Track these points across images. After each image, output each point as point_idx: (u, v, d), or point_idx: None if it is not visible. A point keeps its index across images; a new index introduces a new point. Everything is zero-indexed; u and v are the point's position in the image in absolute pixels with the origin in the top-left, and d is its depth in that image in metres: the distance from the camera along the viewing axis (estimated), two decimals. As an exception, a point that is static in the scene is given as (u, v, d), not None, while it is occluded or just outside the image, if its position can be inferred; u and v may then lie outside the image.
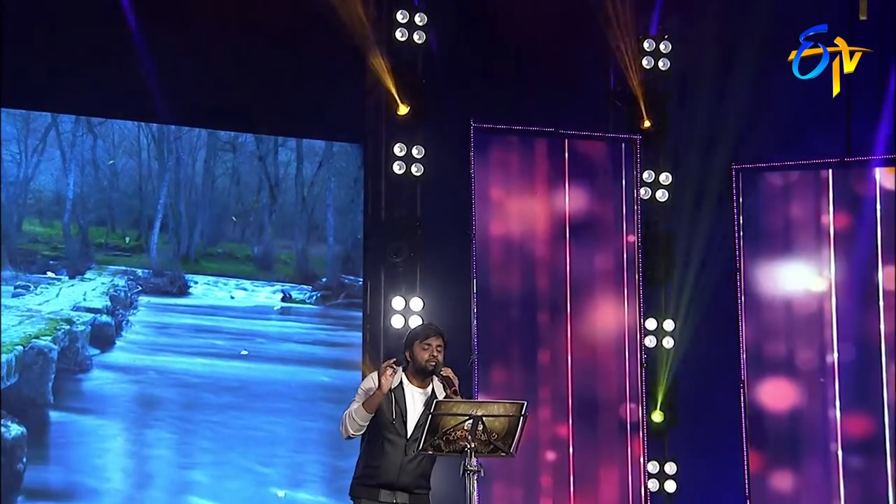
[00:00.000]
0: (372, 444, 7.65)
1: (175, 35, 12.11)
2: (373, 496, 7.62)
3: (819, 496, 12.67)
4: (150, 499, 12.27)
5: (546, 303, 13.02)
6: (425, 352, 7.59)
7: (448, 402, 7.19)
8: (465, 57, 13.00)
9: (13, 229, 12.30)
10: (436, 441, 7.09)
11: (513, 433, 7.18)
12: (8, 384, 11.90)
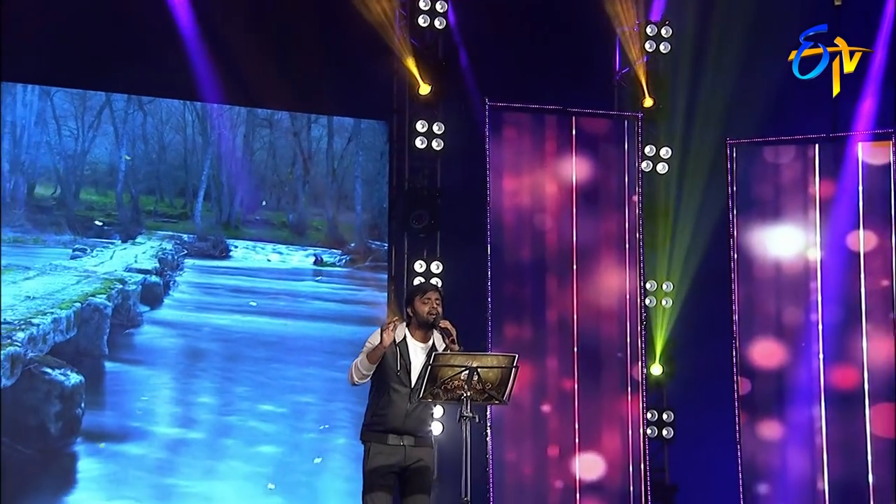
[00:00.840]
0: (379, 393, 7.81)
1: (218, 21, 12.34)
2: (382, 440, 7.78)
3: (802, 443, 12.69)
4: (194, 441, 12.46)
5: (554, 266, 13.04)
6: (425, 305, 7.78)
7: (445, 355, 7.42)
8: (482, 41, 13.09)
9: (71, 198, 12.52)
10: (435, 390, 7.33)
11: (505, 383, 7.42)
12: (67, 337, 12.10)
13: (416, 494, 7.94)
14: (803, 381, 12.86)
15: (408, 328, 7.89)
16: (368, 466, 7.82)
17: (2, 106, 12.22)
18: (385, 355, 7.77)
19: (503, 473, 12.72)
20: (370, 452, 7.83)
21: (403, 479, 7.90)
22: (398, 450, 7.80)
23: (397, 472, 7.86)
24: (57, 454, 12.09)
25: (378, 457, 7.81)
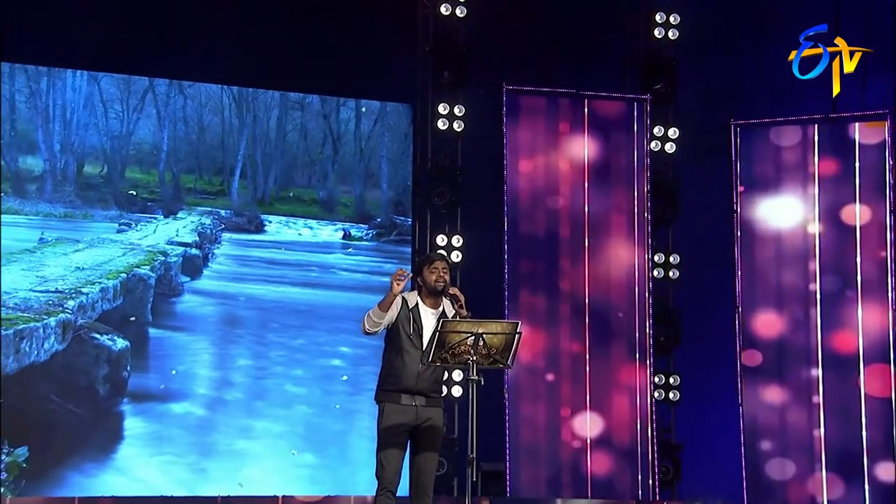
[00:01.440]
0: (393, 356, 7.92)
1: (253, 12, 12.49)
2: (395, 400, 7.87)
3: (801, 404, 12.75)
4: (231, 401, 12.63)
5: (567, 239, 13.06)
6: (432, 274, 7.88)
7: (453, 322, 7.51)
8: (500, 29, 13.07)
9: (117, 176, 12.66)
10: (443, 354, 7.42)
11: (509, 348, 7.49)
12: (114, 305, 12.30)
13: (426, 452, 7.98)
14: (802, 346, 12.86)
15: (419, 295, 7.97)
16: (382, 425, 7.88)
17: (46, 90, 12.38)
18: (398, 319, 7.87)
19: (518, 433, 12.73)
20: (384, 412, 7.89)
21: (415, 437, 7.95)
22: (410, 409, 7.86)
23: (409, 430, 7.90)
24: (105, 413, 12.23)
25: (391, 416, 7.87)
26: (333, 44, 12.83)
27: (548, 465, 12.91)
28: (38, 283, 12.17)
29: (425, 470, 8.03)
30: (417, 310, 7.95)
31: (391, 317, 7.89)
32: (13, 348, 11.91)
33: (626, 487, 12.95)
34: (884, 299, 12.60)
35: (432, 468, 8.08)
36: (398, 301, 7.91)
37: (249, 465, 12.55)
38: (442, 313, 7.93)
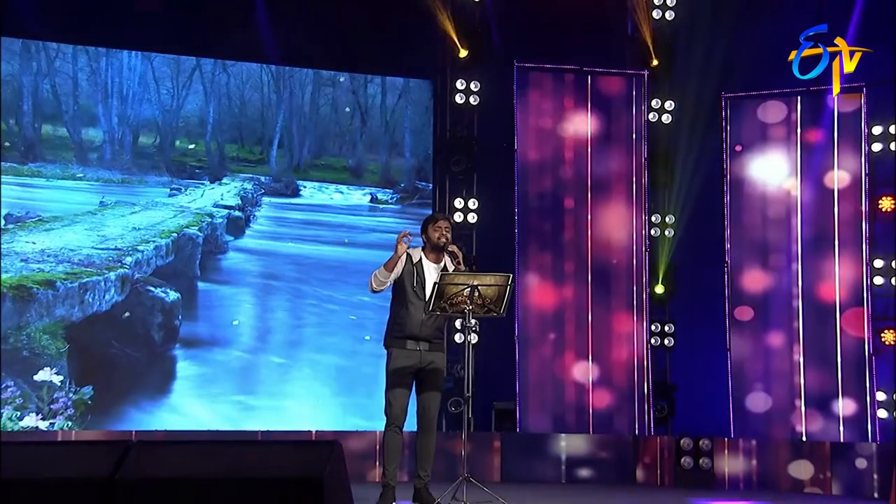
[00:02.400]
0: (399, 306, 8.24)
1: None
2: (401, 345, 8.21)
3: (784, 345, 12.90)
4: (271, 347, 12.85)
5: (572, 202, 13.21)
6: (436, 232, 8.23)
7: (451, 275, 7.90)
8: (511, 10, 13.11)
9: (168, 146, 12.79)
10: (442, 304, 7.80)
11: (502, 298, 7.88)
12: (167, 261, 12.54)
13: (430, 391, 8.30)
14: (785, 296, 12.98)
15: (423, 251, 8.26)
16: (390, 368, 8.20)
17: (105, 69, 12.55)
18: (403, 273, 8.15)
19: (527, 375, 12.92)
20: (391, 356, 8.22)
21: (419, 378, 8.25)
22: (415, 354, 8.18)
23: (414, 372, 8.21)
24: (160, 357, 12.47)
25: (398, 360, 8.18)
26: (361, 26, 12.88)
27: (554, 404, 13.06)
28: (100, 241, 12.34)
29: (429, 407, 8.32)
30: (421, 264, 8.21)
31: (396, 273, 8.14)
32: (78, 299, 12.12)
33: (624, 424, 13.11)
34: (857, 253, 12.71)
35: (436, 405, 8.35)
36: (403, 258, 8.16)
37: (287, 403, 12.73)
38: (443, 268, 8.17)
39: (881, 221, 12.90)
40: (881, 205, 12.87)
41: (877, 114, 12.87)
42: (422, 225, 8.44)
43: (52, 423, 11.89)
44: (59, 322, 12.12)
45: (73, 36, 12.42)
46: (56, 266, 12.18)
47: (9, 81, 12.29)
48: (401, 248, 8.14)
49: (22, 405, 11.89)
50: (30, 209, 12.29)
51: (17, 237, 12.18)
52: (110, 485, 4.12)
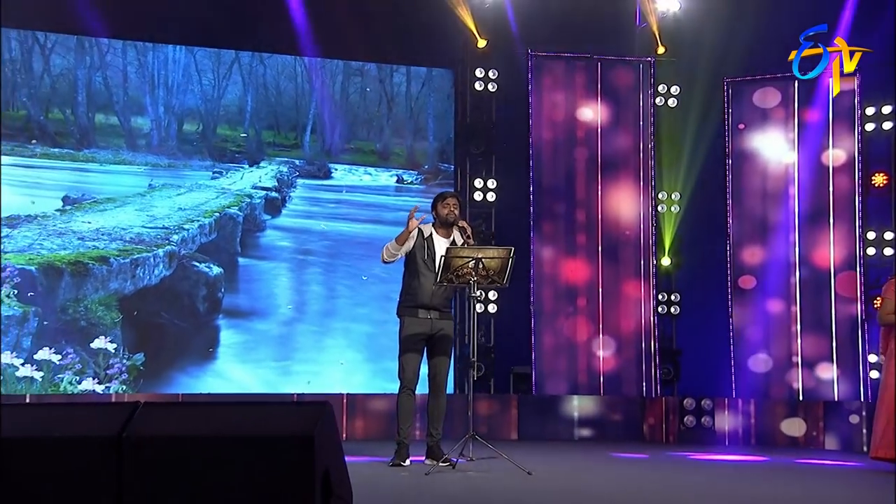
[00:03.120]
0: (411, 278, 8.37)
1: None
2: (413, 314, 8.35)
3: (782, 310, 12.95)
4: (306, 317, 12.89)
5: (583, 181, 13.25)
6: (445, 208, 8.35)
7: (457, 248, 8.04)
8: (526, 3, 13.00)
9: (210, 132, 12.85)
10: (449, 276, 7.93)
11: (505, 270, 7.98)
12: (210, 239, 12.62)
13: (440, 356, 8.43)
14: (783, 263, 13.01)
15: (433, 227, 8.39)
16: (403, 335, 8.38)
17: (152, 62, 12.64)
18: (415, 247, 8.28)
19: (542, 341, 13.05)
20: (404, 324, 8.39)
21: (430, 344, 8.40)
22: (426, 322, 8.33)
23: (425, 339, 8.37)
24: (205, 327, 12.59)
25: (410, 327, 8.34)
26: (387, 20, 12.79)
27: (567, 368, 13.18)
28: (149, 221, 12.50)
29: (440, 371, 8.47)
30: (431, 239, 8.34)
31: (407, 247, 8.27)
32: (130, 274, 12.29)
33: (632, 386, 13.21)
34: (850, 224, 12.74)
35: (445, 369, 8.49)
36: (414, 233, 8.27)
37: (321, 368, 12.82)
38: (452, 242, 8.29)
39: (874, 196, 12.93)
40: (874, 180, 12.91)
41: (870, 95, 12.87)
42: (432, 202, 8.54)
43: (107, 387, 12.12)
44: (113, 295, 12.31)
45: (123, 32, 12.55)
46: (109, 244, 12.36)
47: (64, 75, 12.51)
48: (412, 223, 8.25)
49: (80, 370, 12.08)
50: (85, 192, 12.47)
51: (74, 217, 12.34)
52: (118, 442, 4.23)
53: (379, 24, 12.93)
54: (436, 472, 7.96)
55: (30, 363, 11.90)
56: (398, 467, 8.25)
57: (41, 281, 12.00)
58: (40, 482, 4.23)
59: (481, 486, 7.47)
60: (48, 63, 12.41)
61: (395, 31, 13.07)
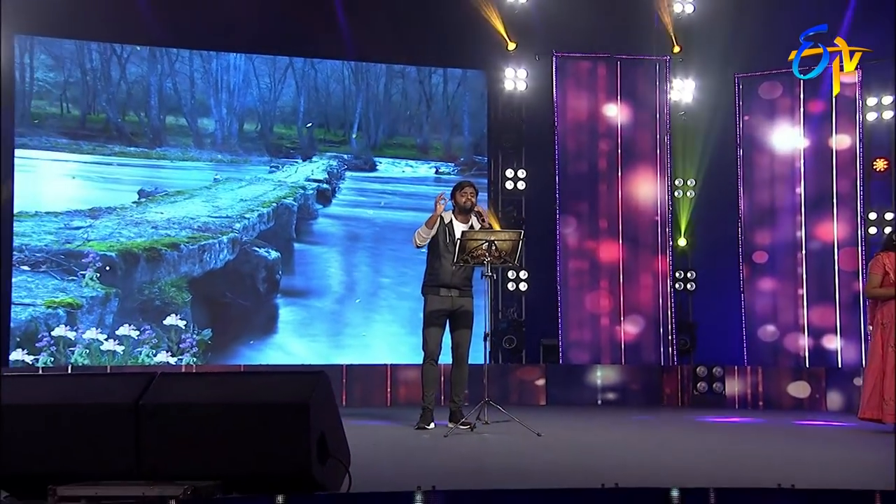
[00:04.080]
0: (433, 259, 8.37)
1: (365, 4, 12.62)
2: (435, 292, 8.36)
3: (789, 287, 12.85)
4: (355, 295, 12.91)
5: (605, 170, 13.20)
6: (462, 197, 8.35)
7: (471, 232, 8.04)
8: (552, 9, 12.88)
9: (267, 131, 12.85)
10: (465, 257, 7.95)
11: (515, 251, 8.01)
12: (268, 226, 12.67)
13: (461, 329, 8.42)
14: (789, 244, 12.92)
15: (453, 213, 8.39)
16: (426, 311, 8.39)
17: (216, 69, 12.72)
18: (437, 232, 8.28)
19: (568, 316, 12.97)
20: (428, 301, 8.40)
21: (452, 319, 8.40)
22: (447, 299, 8.33)
23: (447, 314, 8.37)
24: (265, 305, 12.65)
25: (433, 304, 8.35)
26: (425, 26, 12.81)
27: (591, 339, 13.14)
28: (214, 211, 12.59)
29: (461, 343, 8.46)
30: (451, 224, 8.35)
31: (434, 231, 8.29)
32: (198, 259, 12.41)
33: (651, 356, 13.15)
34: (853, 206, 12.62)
35: (466, 342, 8.47)
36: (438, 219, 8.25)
37: (369, 341, 12.82)
38: (470, 227, 8.28)
39: (875, 180, 12.75)
40: (875, 165, 12.76)
41: (872, 86, 12.68)
42: (451, 191, 8.46)
43: (179, 360, 12.24)
44: (183, 277, 12.44)
45: (190, 42, 12.68)
46: (180, 232, 12.47)
47: (139, 82, 12.63)
48: (439, 208, 8.28)
49: (156, 345, 12.24)
50: (158, 186, 12.58)
51: (148, 209, 12.47)
52: (136, 408, 4.28)
53: (417, 31, 12.90)
54: (454, 434, 7.97)
55: (112, 338, 12.07)
56: (422, 430, 8.27)
57: (120, 266, 12.17)
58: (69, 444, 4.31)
59: (493, 445, 7.50)
60: (124, 71, 12.53)
61: (432, 37, 13.01)
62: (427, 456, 6.76)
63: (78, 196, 12.25)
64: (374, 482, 5.02)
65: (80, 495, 4.15)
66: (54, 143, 12.21)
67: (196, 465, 4.29)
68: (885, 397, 8.44)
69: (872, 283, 8.80)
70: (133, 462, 4.31)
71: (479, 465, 6.25)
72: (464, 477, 5.70)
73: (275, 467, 4.26)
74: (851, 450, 7.86)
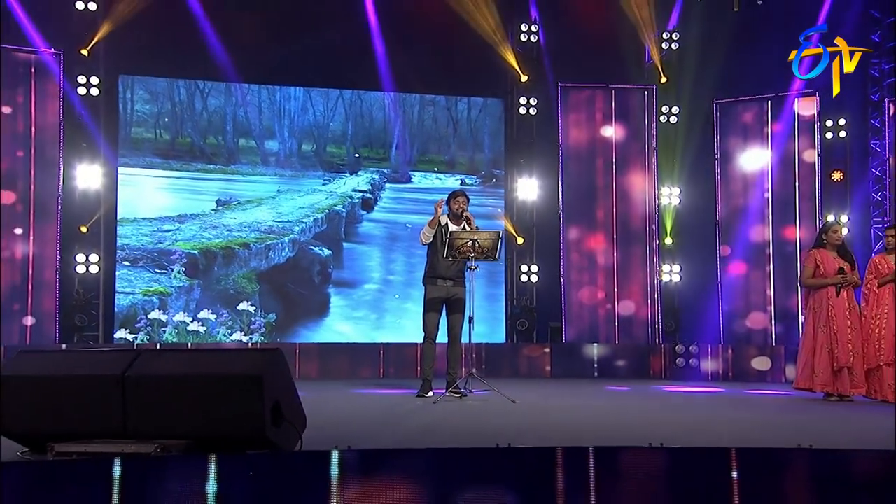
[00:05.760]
0: (432, 256, 8.17)
1: (404, 44, 12.44)
2: (433, 283, 8.16)
3: (759, 280, 12.63)
4: (393, 287, 12.69)
5: (602, 179, 13.00)
6: (455, 204, 8.14)
7: (458, 232, 7.89)
8: (557, 47, 12.87)
9: (321, 150, 12.74)
10: (453, 253, 7.79)
11: (496, 247, 7.79)
12: (322, 229, 12.60)
13: (454, 314, 8.21)
14: (760, 240, 12.65)
15: (448, 217, 8.20)
16: (426, 298, 8.19)
17: (279, 99, 12.73)
18: (436, 233, 8.11)
19: (570, 302, 12.84)
20: (427, 290, 8.20)
21: (447, 305, 8.20)
22: (443, 288, 8.14)
23: (443, 301, 8.17)
24: (319, 294, 12.59)
25: (431, 292, 8.16)
26: (453, 63, 12.71)
27: (590, 322, 12.94)
28: (277, 216, 12.55)
29: (454, 325, 8.25)
30: (447, 227, 8.14)
31: (435, 230, 8.14)
32: (264, 255, 12.40)
33: (642, 336, 12.91)
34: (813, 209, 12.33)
35: (459, 324, 8.23)
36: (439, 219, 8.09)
37: (404, 323, 12.49)
38: (463, 229, 8.10)
39: (833, 188, 12.38)
40: (833, 176, 12.43)
41: (829, 111, 12.37)
42: (447, 199, 8.31)
43: (250, 338, 12.17)
44: (252, 271, 12.41)
45: (258, 79, 12.62)
46: (249, 233, 12.45)
47: (217, 111, 12.64)
48: (438, 212, 8.10)
49: (231, 326, 12.24)
50: (232, 196, 12.55)
51: (224, 215, 12.45)
52: (123, 380, 4.19)
53: (445, 67, 12.79)
54: (444, 400, 7.78)
55: (196, 321, 12.09)
56: (421, 398, 8.08)
57: (201, 261, 12.21)
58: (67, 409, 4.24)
59: (474, 409, 7.27)
60: (206, 103, 12.57)
61: (458, 72, 12.87)
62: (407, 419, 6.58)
63: (168, 205, 12.31)
64: (340, 440, 4.87)
65: (72, 451, 4.07)
66: (149, 162, 12.32)
67: (171, 427, 4.19)
68: (815, 370, 8.17)
69: (806, 274, 8.51)
70: (120, 424, 4.22)
71: (441, 427, 5.93)
72: (421, 436, 5.47)
73: (235, 430, 4.14)
74: (760, 413, 7.44)
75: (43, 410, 4.24)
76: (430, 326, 8.20)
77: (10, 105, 11.60)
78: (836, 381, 8.08)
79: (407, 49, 12.48)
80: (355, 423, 6.29)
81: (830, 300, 8.19)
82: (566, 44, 12.88)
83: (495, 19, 12.60)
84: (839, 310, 8.15)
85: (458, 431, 5.68)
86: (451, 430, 5.74)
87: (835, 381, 8.08)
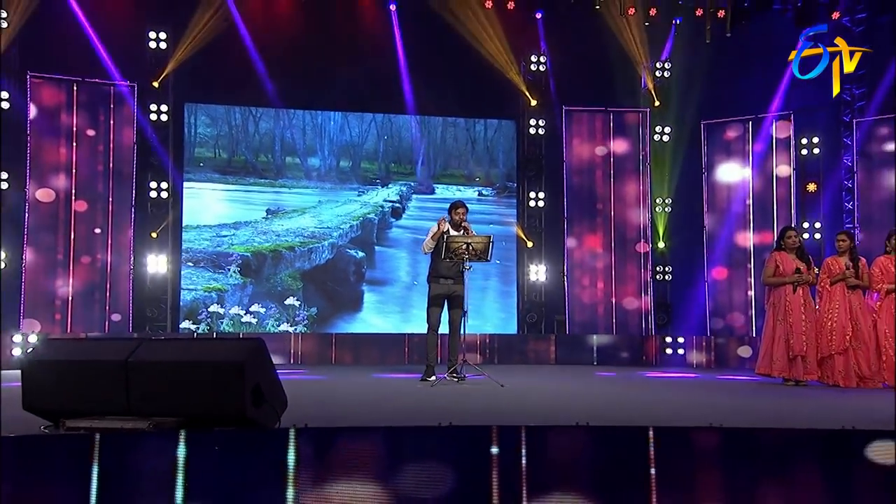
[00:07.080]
0: (436, 258, 7.97)
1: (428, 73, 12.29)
2: (437, 281, 7.98)
3: (741, 279, 12.33)
4: (419, 286, 12.06)
5: (601, 191, 12.80)
6: (456, 215, 7.96)
7: (453, 236, 7.78)
8: (563, 75, 12.71)
9: (356, 167, 12.60)
10: (450, 255, 7.66)
11: (487, 250, 7.62)
12: (357, 234, 12.46)
13: (455, 309, 8.03)
14: (742, 246, 12.38)
15: (450, 225, 8.05)
16: (430, 294, 8.03)
17: (320, 123, 12.68)
18: (439, 241, 7.93)
19: (572, 297, 12.66)
20: (431, 287, 8.03)
21: (449, 301, 8.03)
22: (445, 286, 7.97)
23: (444, 297, 8.00)
24: (354, 291, 12.48)
25: (434, 290, 8.00)
26: (471, 89, 12.55)
27: (590, 316, 12.73)
28: (319, 224, 12.44)
29: (455, 319, 8.08)
30: (449, 233, 7.97)
31: (436, 242, 7.99)
32: (307, 257, 12.29)
33: (637, 328, 12.68)
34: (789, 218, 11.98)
35: (458, 317, 8.05)
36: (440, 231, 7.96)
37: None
38: (462, 234, 7.95)
39: (807, 199, 12.10)
40: (807, 188, 12.11)
41: (804, 130, 12.08)
42: (448, 210, 8.17)
43: (295, 328, 12.09)
44: (297, 270, 12.31)
45: (302, 104, 12.55)
46: (294, 238, 12.34)
47: (267, 133, 12.53)
48: (442, 226, 7.97)
49: (278, 318, 12.14)
50: (280, 205, 12.44)
51: (273, 222, 12.37)
52: (126, 365, 4.12)
53: (464, 93, 12.60)
54: (443, 384, 7.60)
55: (248, 314, 12.04)
56: (424, 382, 7.90)
57: (253, 262, 12.14)
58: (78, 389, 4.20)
59: (465, 391, 7.06)
60: (258, 126, 12.48)
61: (475, 97, 12.69)
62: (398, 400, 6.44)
63: (225, 213, 12.27)
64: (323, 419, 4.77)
65: (80, 426, 4.02)
66: (209, 178, 12.30)
67: (166, 407, 4.10)
68: (774, 358, 7.94)
69: (766, 273, 8.25)
70: (124, 403, 4.14)
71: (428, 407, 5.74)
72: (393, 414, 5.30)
73: (220, 409, 4.04)
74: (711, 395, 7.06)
75: (59, 390, 4.20)
76: (433, 319, 8.06)
77: (94, 129, 11.74)
78: (791, 367, 7.87)
79: (431, 78, 12.35)
80: (350, 403, 6.17)
81: (788, 296, 7.97)
82: (570, 72, 12.73)
83: (508, 52, 12.51)
84: (795, 305, 7.92)
85: (436, 410, 5.51)
86: (430, 409, 5.58)
87: (791, 368, 7.87)
